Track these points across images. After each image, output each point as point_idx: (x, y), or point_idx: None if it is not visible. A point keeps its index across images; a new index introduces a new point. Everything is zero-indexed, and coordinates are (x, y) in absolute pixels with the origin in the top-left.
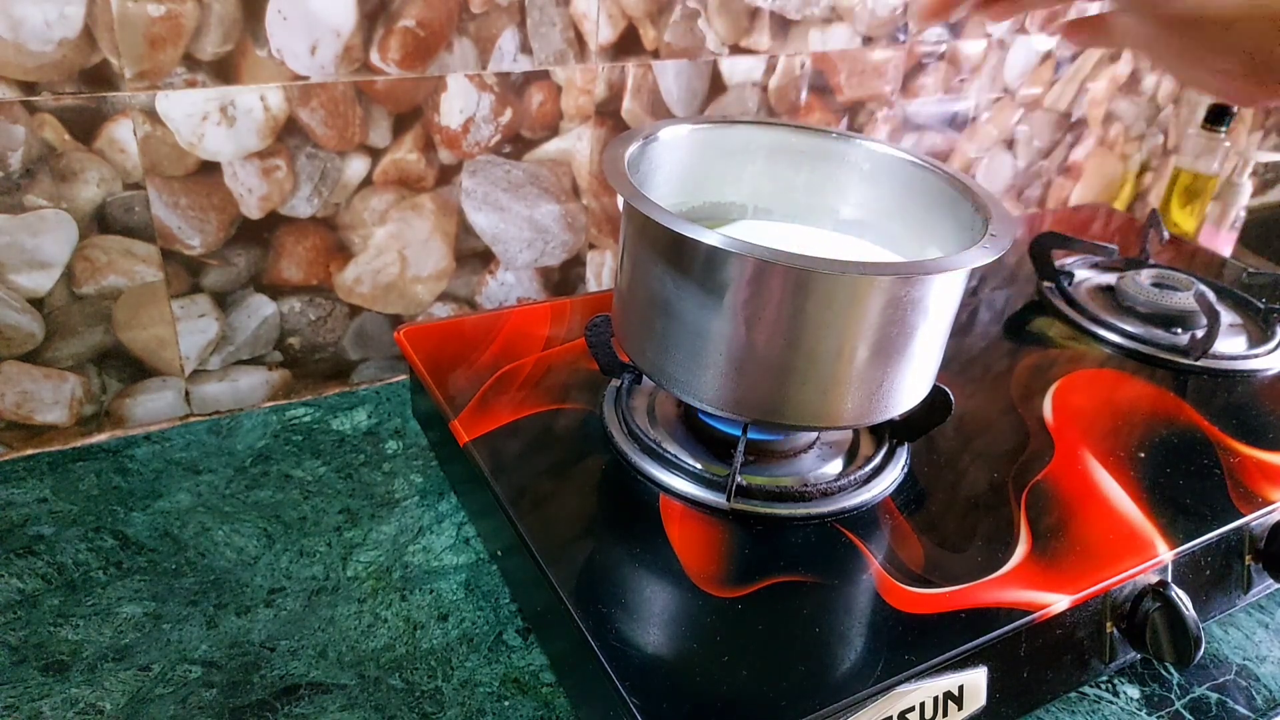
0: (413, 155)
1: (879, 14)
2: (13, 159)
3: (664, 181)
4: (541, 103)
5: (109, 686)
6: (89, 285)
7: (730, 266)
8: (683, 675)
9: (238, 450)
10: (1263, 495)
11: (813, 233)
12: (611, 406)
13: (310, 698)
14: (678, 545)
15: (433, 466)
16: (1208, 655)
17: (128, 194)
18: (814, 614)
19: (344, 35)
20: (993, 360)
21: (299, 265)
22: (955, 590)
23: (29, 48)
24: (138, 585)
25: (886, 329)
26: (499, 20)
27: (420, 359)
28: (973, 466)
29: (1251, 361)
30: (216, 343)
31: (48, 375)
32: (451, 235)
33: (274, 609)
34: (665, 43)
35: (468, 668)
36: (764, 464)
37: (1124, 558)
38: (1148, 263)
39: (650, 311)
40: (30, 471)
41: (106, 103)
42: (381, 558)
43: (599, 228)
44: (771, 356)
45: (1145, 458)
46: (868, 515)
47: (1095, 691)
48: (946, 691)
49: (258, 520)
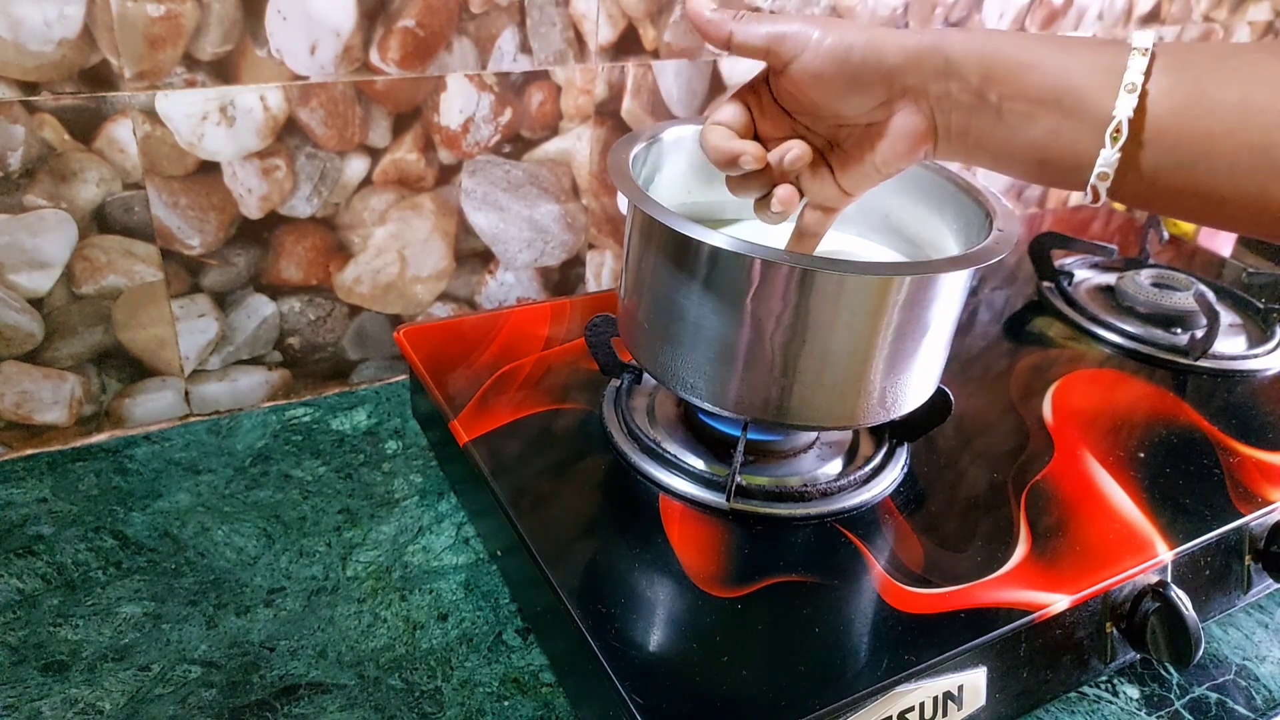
0: (412, 155)
1: (879, 14)
2: (13, 159)
3: (666, 182)
4: (541, 103)
5: (109, 686)
6: (89, 285)
7: (735, 267)
8: (683, 675)
9: (237, 450)
10: (1262, 495)
11: None
12: (611, 406)
13: (310, 698)
14: (678, 545)
15: (432, 466)
16: (1207, 655)
17: (127, 194)
18: (814, 614)
19: (344, 35)
20: (993, 360)
21: (299, 265)
22: (955, 590)
23: (29, 48)
24: (137, 585)
25: (892, 329)
26: (499, 20)
27: (420, 359)
28: (973, 466)
29: (1251, 361)
30: (216, 343)
31: (47, 375)
32: (451, 235)
33: (274, 609)
34: (665, 43)
35: (467, 668)
36: (764, 464)
37: (1124, 558)
38: (1147, 263)
39: (654, 311)
40: (30, 471)
41: (106, 103)
42: (381, 558)
43: (599, 228)
44: (774, 356)
45: (1145, 458)
46: (868, 515)
47: (1095, 691)
48: (946, 691)
49: (257, 520)
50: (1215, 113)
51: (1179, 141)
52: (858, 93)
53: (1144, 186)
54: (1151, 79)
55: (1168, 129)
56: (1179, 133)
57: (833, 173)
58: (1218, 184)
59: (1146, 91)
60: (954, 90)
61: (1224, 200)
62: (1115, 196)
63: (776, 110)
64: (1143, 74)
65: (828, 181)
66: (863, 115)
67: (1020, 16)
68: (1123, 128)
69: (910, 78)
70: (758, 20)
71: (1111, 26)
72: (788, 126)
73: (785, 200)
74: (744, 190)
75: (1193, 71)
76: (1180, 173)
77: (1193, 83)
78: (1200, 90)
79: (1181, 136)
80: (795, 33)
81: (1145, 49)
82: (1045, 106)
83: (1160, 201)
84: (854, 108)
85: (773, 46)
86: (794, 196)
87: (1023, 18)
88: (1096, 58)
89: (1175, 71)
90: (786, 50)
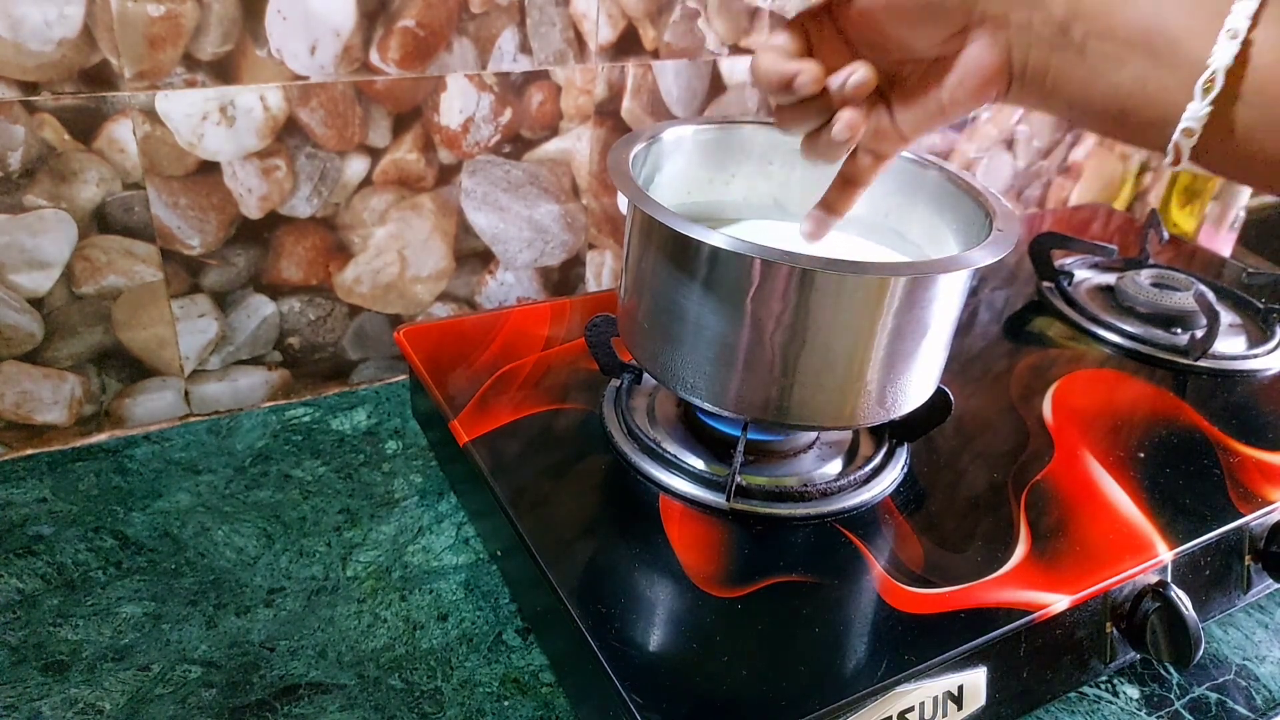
0: (412, 155)
1: None
2: (12, 159)
3: (667, 182)
4: (541, 103)
5: (108, 686)
6: (88, 285)
7: (735, 267)
8: (683, 675)
9: (237, 450)
10: (1262, 495)
11: None
12: (611, 406)
13: (310, 698)
14: (677, 545)
15: (432, 466)
16: (1207, 655)
17: (127, 194)
18: (814, 614)
19: (344, 35)
20: (993, 360)
21: (299, 265)
22: (955, 590)
23: (29, 47)
24: (137, 585)
25: (892, 329)
26: (499, 20)
27: (420, 359)
28: (972, 466)
29: (1251, 361)
30: (216, 343)
31: (47, 375)
32: (451, 235)
33: (274, 609)
34: (665, 43)
35: (467, 668)
36: (764, 464)
37: (1124, 558)
38: (1147, 263)
39: (654, 311)
40: (30, 471)
41: (106, 103)
42: (381, 558)
43: (599, 228)
44: (774, 356)
45: (1145, 458)
46: (868, 515)
47: (1095, 691)
48: (946, 691)
49: (257, 520)
50: None
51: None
52: (932, 20)
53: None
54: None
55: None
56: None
57: (890, 112)
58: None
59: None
60: (1036, 22)
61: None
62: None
63: (837, 41)
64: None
65: (884, 121)
66: (934, 47)
67: None
68: (1217, 79)
69: (992, 3)
70: None
71: None
72: (848, 58)
73: (851, 124)
74: (795, 122)
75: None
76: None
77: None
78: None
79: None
80: None
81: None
82: (1133, 48)
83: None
84: (926, 38)
85: None
86: (859, 121)
87: None
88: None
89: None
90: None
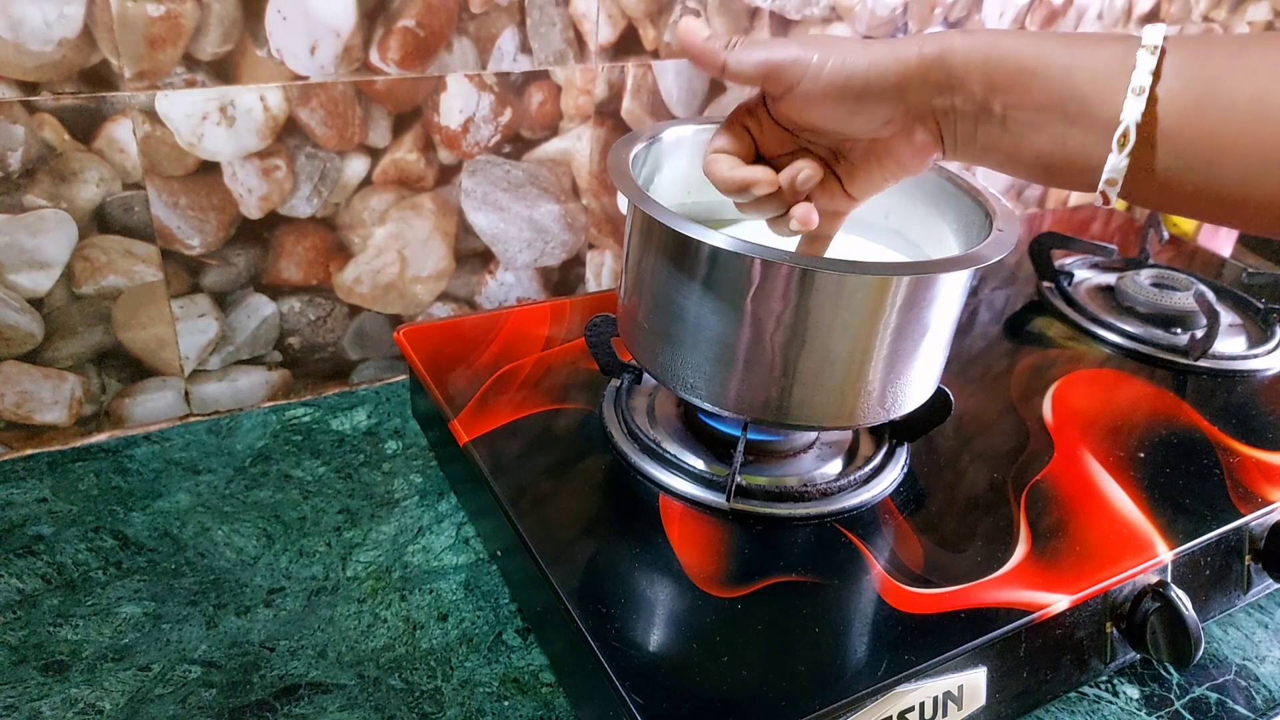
0: (412, 155)
1: (879, 14)
2: (12, 159)
3: (667, 182)
4: (541, 103)
5: (108, 686)
6: (88, 285)
7: (735, 267)
8: (683, 675)
9: (237, 450)
10: (1262, 495)
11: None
12: (611, 406)
13: (310, 698)
14: (677, 545)
15: (432, 466)
16: (1207, 655)
17: (127, 194)
18: (814, 614)
19: (344, 35)
20: (993, 360)
21: (299, 265)
22: (955, 590)
23: (29, 48)
24: (137, 585)
25: (892, 329)
26: (499, 20)
27: (420, 359)
28: (972, 466)
29: (1251, 361)
30: (216, 343)
31: (47, 375)
32: (451, 235)
33: (274, 609)
34: (665, 43)
35: (467, 668)
36: (764, 464)
37: (1124, 558)
38: (1147, 263)
39: (654, 311)
40: (30, 471)
41: (106, 103)
42: (381, 558)
43: (599, 228)
44: (774, 356)
45: (1145, 458)
46: (868, 515)
47: (1095, 691)
48: (946, 691)
49: (257, 520)
50: (1230, 112)
51: (1191, 144)
52: (860, 115)
53: (1156, 189)
54: (1161, 80)
55: (1179, 131)
56: (1191, 135)
57: (840, 182)
58: (1234, 185)
59: (1155, 95)
60: (958, 103)
61: (1241, 201)
62: (1128, 199)
63: (777, 128)
64: (1151, 74)
65: (835, 190)
66: (869, 132)
67: (1020, 16)
68: (1130, 133)
69: (913, 95)
70: (751, 47)
71: (1111, 26)
72: (790, 142)
73: (805, 219)
74: (757, 212)
75: (1206, 69)
76: (1194, 175)
77: (1206, 82)
78: (1213, 89)
79: (1194, 138)
80: (792, 60)
81: (1155, 46)
82: (1050, 114)
83: (1174, 203)
84: (858, 128)
85: (770, 74)
86: (813, 214)
87: (1023, 17)
88: (1103, 58)
89: (1186, 70)
90: (785, 78)
